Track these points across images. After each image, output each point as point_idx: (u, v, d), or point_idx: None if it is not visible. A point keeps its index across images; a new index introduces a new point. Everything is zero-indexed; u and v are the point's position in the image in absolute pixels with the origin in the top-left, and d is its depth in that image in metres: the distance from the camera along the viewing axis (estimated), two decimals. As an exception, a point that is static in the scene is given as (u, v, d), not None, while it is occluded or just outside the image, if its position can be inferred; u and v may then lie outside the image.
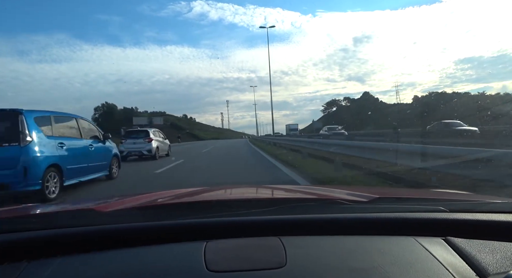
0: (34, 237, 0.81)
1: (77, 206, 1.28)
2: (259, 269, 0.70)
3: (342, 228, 0.87)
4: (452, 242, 0.80)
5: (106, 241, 0.81)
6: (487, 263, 0.72)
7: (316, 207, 1.01)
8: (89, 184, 7.12)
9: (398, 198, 1.22)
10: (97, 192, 6.65)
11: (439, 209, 0.95)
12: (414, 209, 0.95)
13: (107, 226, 0.85)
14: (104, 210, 0.99)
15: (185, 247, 0.80)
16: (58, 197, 5.77)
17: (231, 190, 1.67)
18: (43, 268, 0.71)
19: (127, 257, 0.77)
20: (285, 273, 0.69)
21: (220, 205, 1.12)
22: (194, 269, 0.70)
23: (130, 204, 1.15)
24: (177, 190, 1.54)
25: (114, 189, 7.10)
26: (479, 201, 1.07)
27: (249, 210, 0.92)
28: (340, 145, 10.70)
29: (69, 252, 0.77)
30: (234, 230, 0.84)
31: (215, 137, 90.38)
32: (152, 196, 1.42)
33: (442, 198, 1.17)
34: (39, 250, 0.78)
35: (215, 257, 0.73)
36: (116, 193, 6.27)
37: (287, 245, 0.77)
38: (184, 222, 0.87)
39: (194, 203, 1.24)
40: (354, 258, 0.75)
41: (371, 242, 0.81)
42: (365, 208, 1.00)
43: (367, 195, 1.13)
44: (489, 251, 0.76)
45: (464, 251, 0.76)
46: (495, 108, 17.15)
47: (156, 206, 1.17)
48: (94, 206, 1.04)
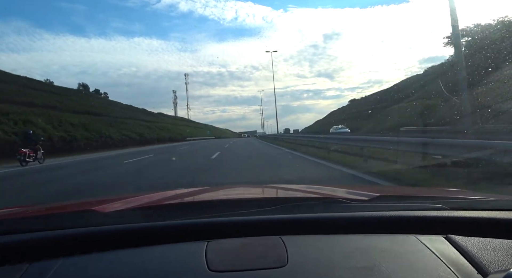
0: (36, 238, 0.81)
1: (78, 207, 1.28)
2: (260, 269, 0.70)
3: (343, 226, 0.87)
4: (453, 240, 0.80)
5: (107, 241, 0.81)
6: (488, 261, 0.72)
7: (317, 206, 1.01)
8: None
9: (398, 196, 1.22)
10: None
11: (440, 207, 0.95)
12: (415, 207, 0.95)
13: (108, 227, 0.85)
14: (105, 210, 0.99)
15: (186, 247, 0.80)
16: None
17: (232, 189, 1.67)
18: (45, 269, 0.71)
19: (128, 258, 0.77)
20: (286, 272, 0.69)
21: (221, 205, 1.12)
22: (196, 269, 0.70)
23: (131, 205, 1.15)
24: (178, 190, 1.54)
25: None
26: (479, 199, 1.07)
27: (250, 209, 0.92)
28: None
29: (70, 253, 0.77)
30: (235, 230, 0.84)
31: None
32: (153, 196, 1.42)
33: (443, 196, 1.17)
34: (40, 251, 0.78)
35: (217, 257, 0.73)
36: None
37: (288, 244, 0.77)
38: (185, 222, 0.87)
39: (195, 203, 1.24)
40: (355, 256, 0.74)
41: (372, 240, 0.81)
42: (366, 206, 1.00)
43: (367, 194, 1.13)
44: (490, 249, 0.76)
45: (465, 249, 0.76)
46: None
47: (157, 206, 1.17)
48: (95, 207, 1.04)
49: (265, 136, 51.90)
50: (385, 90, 56.79)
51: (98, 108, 43.13)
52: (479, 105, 11.37)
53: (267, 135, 54.25)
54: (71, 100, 40.34)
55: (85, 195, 5.68)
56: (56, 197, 5.69)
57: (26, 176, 9.94)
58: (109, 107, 49.52)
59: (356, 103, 67.25)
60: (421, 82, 38.07)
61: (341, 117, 52.24)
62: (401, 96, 36.91)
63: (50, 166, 13.06)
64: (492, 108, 11.13)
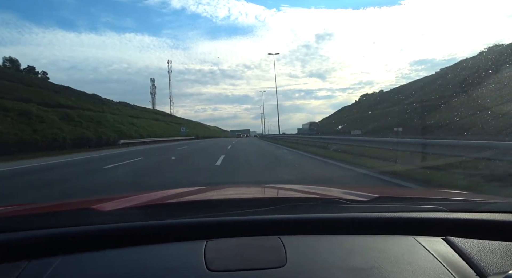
0: (35, 236, 0.81)
1: (77, 205, 1.28)
2: (259, 269, 0.70)
3: (342, 227, 0.87)
4: (452, 242, 0.80)
5: (106, 240, 0.81)
6: (487, 262, 0.72)
7: (316, 207, 1.01)
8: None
9: (398, 197, 1.22)
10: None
11: (439, 208, 0.95)
12: (414, 209, 0.95)
13: (107, 225, 0.85)
14: (104, 209, 0.99)
15: (185, 246, 0.80)
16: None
17: (232, 189, 1.67)
18: (44, 267, 0.71)
19: (127, 256, 0.77)
20: (285, 272, 0.69)
21: (220, 204, 1.11)
22: (194, 268, 0.70)
23: (130, 203, 1.15)
24: (178, 189, 1.54)
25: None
26: (478, 201, 1.07)
27: (249, 209, 0.92)
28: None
29: (69, 251, 0.77)
30: (234, 229, 0.85)
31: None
32: (152, 195, 1.42)
33: (442, 197, 1.17)
34: (39, 249, 0.78)
35: (215, 257, 0.73)
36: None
37: (287, 245, 0.77)
38: (184, 221, 0.87)
39: (194, 202, 1.24)
40: (354, 257, 0.74)
41: (371, 241, 0.81)
42: (365, 207, 1.00)
43: (367, 195, 1.13)
44: (489, 251, 0.76)
45: (464, 251, 0.76)
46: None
47: (156, 205, 1.16)
48: (94, 205, 1.04)
49: (274, 137, 38.38)
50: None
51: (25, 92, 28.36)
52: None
53: (274, 136, 41.15)
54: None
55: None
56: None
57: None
58: (41, 91, 32.61)
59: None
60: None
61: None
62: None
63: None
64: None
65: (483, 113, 14.20)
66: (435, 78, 38.42)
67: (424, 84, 37.61)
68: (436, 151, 6.59)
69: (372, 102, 50.08)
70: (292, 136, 29.48)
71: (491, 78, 19.34)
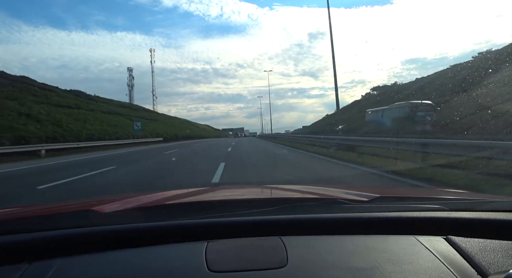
0: (35, 238, 0.81)
1: (78, 207, 1.27)
2: (260, 269, 0.70)
3: (343, 227, 0.87)
4: (453, 241, 0.80)
5: (107, 242, 0.81)
6: (488, 262, 0.72)
7: (317, 207, 1.01)
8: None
9: (398, 197, 1.22)
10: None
11: (440, 208, 0.95)
12: (414, 208, 0.95)
13: (108, 227, 0.85)
14: (105, 210, 0.99)
15: (186, 247, 0.80)
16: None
17: (232, 190, 1.67)
18: (45, 269, 0.71)
19: (128, 258, 0.77)
20: (286, 273, 0.69)
21: (221, 205, 1.11)
22: (195, 269, 0.70)
23: (131, 205, 1.15)
24: (178, 190, 1.54)
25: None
26: (479, 200, 1.07)
27: (250, 210, 0.92)
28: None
29: (70, 253, 0.77)
30: (235, 230, 0.84)
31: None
32: (152, 196, 1.42)
33: (442, 197, 1.17)
34: (40, 251, 0.78)
35: (216, 257, 0.73)
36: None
37: (288, 245, 0.77)
38: (185, 222, 0.87)
39: (195, 203, 1.23)
40: (355, 257, 0.74)
41: (372, 241, 0.81)
42: (366, 207, 1.00)
43: (367, 194, 1.13)
44: (490, 250, 0.76)
45: (465, 250, 0.76)
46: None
47: (157, 206, 1.16)
48: (95, 207, 1.04)
49: (279, 137, 34.89)
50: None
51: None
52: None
53: (277, 135, 39.25)
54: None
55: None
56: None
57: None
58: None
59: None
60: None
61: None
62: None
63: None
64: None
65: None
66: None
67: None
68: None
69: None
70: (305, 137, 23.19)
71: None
